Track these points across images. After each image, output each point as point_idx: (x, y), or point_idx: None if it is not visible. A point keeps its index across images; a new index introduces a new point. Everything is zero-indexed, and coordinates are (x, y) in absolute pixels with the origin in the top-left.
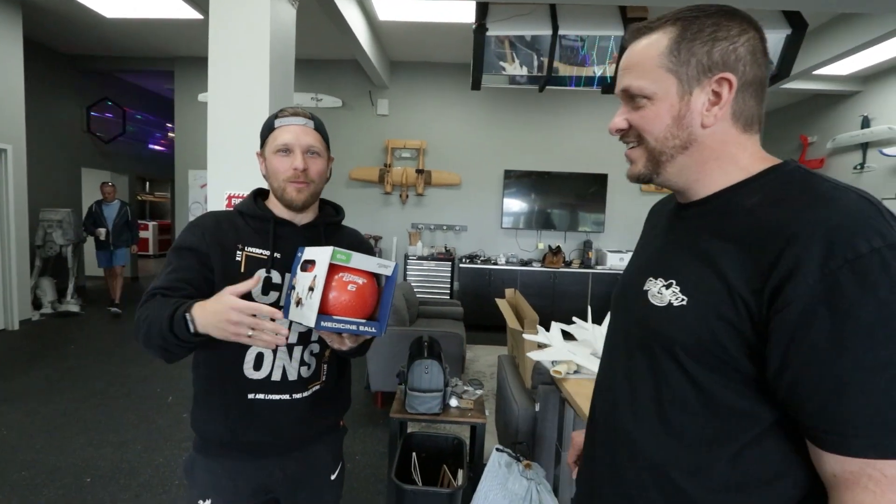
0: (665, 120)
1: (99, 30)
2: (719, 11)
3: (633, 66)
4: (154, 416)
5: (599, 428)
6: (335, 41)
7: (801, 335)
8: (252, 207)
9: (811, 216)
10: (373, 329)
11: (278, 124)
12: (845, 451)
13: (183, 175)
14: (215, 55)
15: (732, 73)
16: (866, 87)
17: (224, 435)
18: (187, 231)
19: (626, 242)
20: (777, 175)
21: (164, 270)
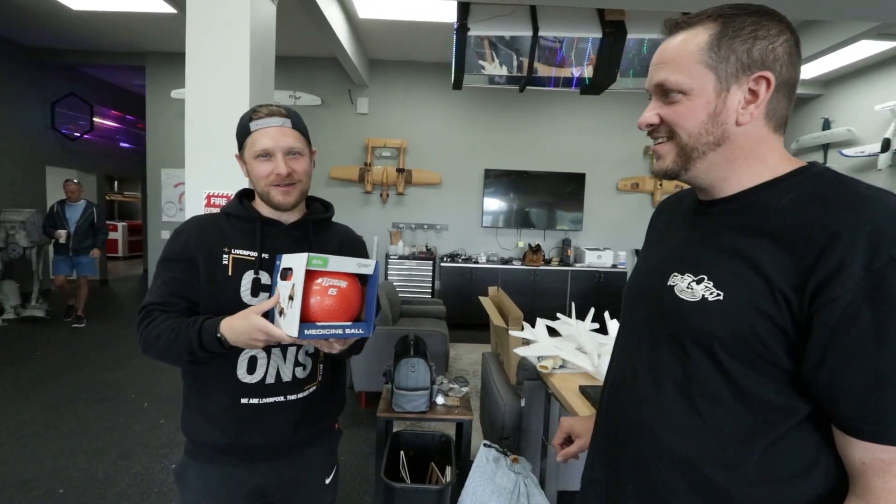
0: (700, 116)
1: (65, 22)
2: (760, 10)
3: (669, 61)
4: (129, 423)
5: (617, 430)
6: (314, 38)
7: (843, 330)
8: (238, 208)
9: (855, 216)
10: (360, 330)
11: (254, 127)
12: (881, 440)
13: (155, 174)
14: (193, 51)
15: (771, 72)
16: (827, 90)
17: (218, 440)
18: (172, 240)
19: (604, 240)
20: (808, 175)
21: (155, 283)
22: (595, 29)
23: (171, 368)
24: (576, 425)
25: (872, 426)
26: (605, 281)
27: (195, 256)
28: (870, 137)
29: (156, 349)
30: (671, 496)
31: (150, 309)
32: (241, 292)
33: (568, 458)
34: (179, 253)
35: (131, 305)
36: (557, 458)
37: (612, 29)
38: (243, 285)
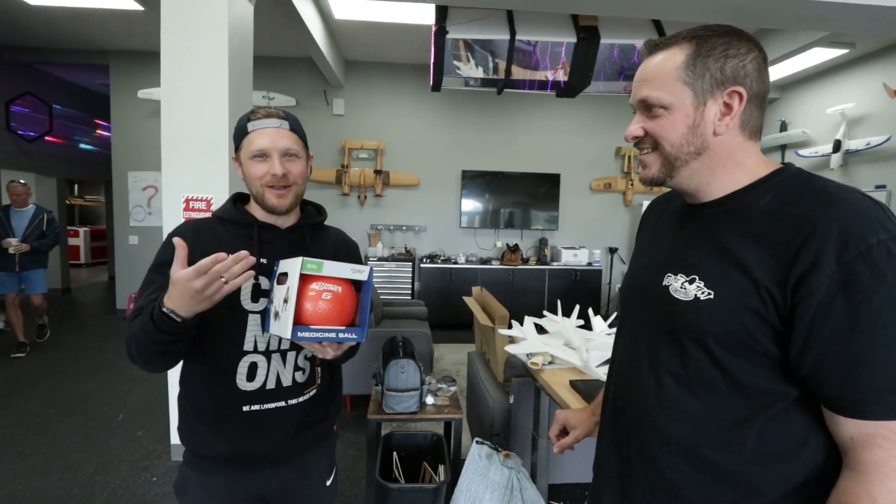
0: (681, 128)
1: (21, 17)
2: (730, 31)
3: (650, 79)
4: (104, 436)
5: (624, 420)
6: (289, 38)
7: (822, 319)
8: (233, 213)
9: (826, 214)
10: (353, 335)
11: (251, 128)
12: (863, 415)
13: (121, 177)
14: (169, 51)
15: (742, 87)
16: (784, 94)
17: (221, 449)
18: (166, 246)
19: (579, 239)
20: (784, 177)
21: (147, 289)
22: (570, 34)
23: (145, 379)
24: (570, 417)
25: (854, 404)
26: (581, 279)
27: (190, 263)
28: (822, 139)
29: (134, 351)
30: (678, 479)
31: (136, 314)
32: (241, 298)
33: (564, 448)
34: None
35: (97, 314)
36: (554, 448)
37: (586, 34)
38: (243, 291)
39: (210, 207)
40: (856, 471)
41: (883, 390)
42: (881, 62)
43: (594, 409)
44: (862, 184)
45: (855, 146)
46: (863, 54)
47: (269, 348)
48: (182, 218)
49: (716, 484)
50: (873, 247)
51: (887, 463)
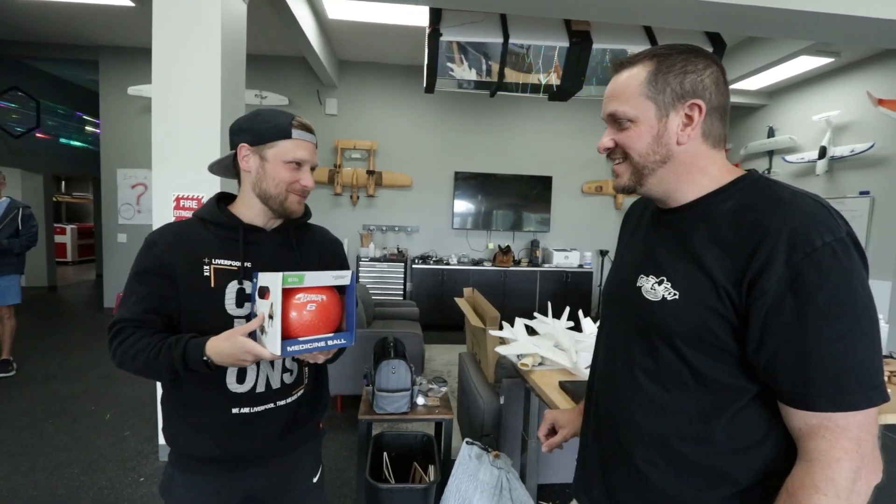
0: (646, 139)
1: (10, 11)
2: (688, 49)
3: (617, 95)
4: (91, 436)
5: (604, 414)
6: (282, 37)
7: (774, 316)
8: (217, 215)
9: (777, 219)
10: (342, 340)
11: (296, 136)
12: (808, 407)
13: (110, 174)
14: (160, 48)
15: (701, 100)
16: (771, 101)
17: (209, 451)
18: (145, 252)
19: (571, 241)
20: (745, 184)
21: (128, 299)
22: (562, 38)
23: (133, 379)
24: (559, 417)
25: (801, 396)
26: (573, 281)
27: (172, 269)
28: (809, 145)
29: (133, 366)
30: (651, 470)
31: (122, 326)
32: (225, 304)
33: (553, 447)
34: (154, 265)
35: (84, 313)
36: (543, 448)
37: (579, 38)
38: (227, 296)
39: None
40: (803, 460)
41: (825, 383)
42: (865, 71)
43: (582, 409)
44: (846, 190)
45: (840, 153)
46: (848, 63)
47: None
48: (172, 217)
49: (685, 475)
50: (818, 248)
51: (829, 453)
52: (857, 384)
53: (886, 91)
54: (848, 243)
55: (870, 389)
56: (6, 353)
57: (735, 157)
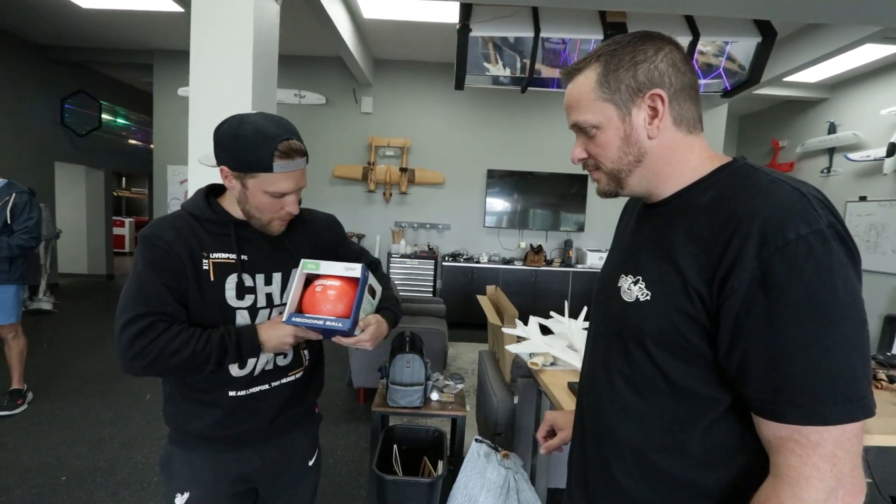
0: (615, 143)
1: (74, 20)
2: (633, 39)
3: (574, 104)
4: (131, 414)
5: (587, 419)
6: (319, 38)
7: (743, 318)
8: (208, 211)
9: (750, 209)
10: (339, 324)
11: (277, 168)
12: (779, 418)
13: (161, 170)
14: (197, 50)
15: (660, 88)
16: (833, 94)
17: (205, 431)
18: (149, 245)
19: (606, 242)
20: (728, 172)
21: (145, 291)
22: (597, 31)
23: None
24: (559, 418)
25: (771, 405)
26: None
27: (180, 260)
28: (876, 142)
29: (172, 361)
30: (626, 479)
31: (152, 321)
32: (226, 296)
33: (551, 450)
34: (163, 257)
35: None
36: (541, 450)
37: (614, 31)
38: (227, 289)
39: None
40: (772, 475)
41: (797, 393)
42: None
43: None
44: None
45: None
46: None
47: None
48: None
49: (660, 487)
50: (791, 242)
51: (798, 469)
52: (833, 395)
53: None
54: (829, 236)
55: (847, 402)
56: (16, 381)
57: (791, 155)
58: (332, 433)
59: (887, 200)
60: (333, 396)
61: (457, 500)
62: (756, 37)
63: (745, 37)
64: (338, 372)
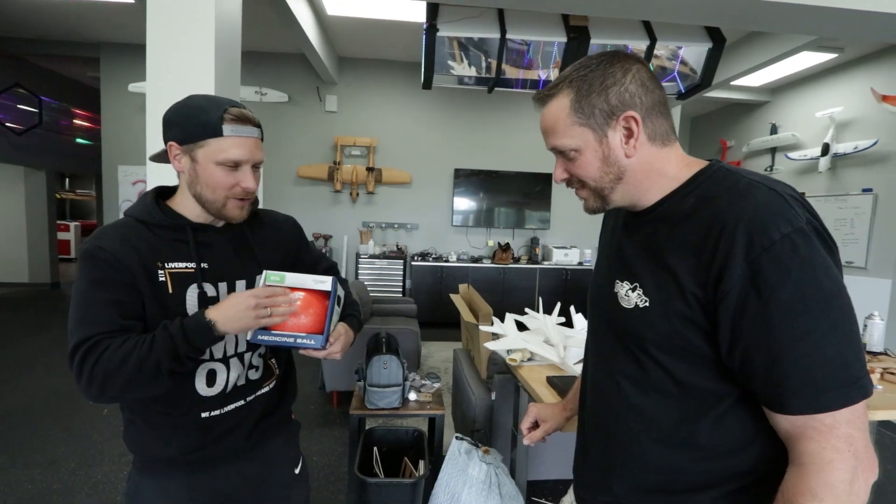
0: (595, 164)
1: (10, 9)
2: (601, 62)
3: (551, 129)
4: (88, 431)
5: (592, 420)
6: (281, 34)
7: (739, 318)
8: (159, 216)
9: (732, 212)
10: (311, 341)
11: (228, 132)
12: (788, 410)
13: (112, 171)
14: (154, 44)
15: (632, 109)
16: (774, 97)
17: (174, 455)
18: (91, 260)
19: (571, 238)
20: (704, 178)
21: (91, 311)
22: (560, 33)
23: None
24: (542, 411)
25: (778, 398)
26: (572, 278)
27: (130, 273)
28: (812, 142)
29: (121, 377)
30: (635, 477)
31: (96, 340)
32: (187, 309)
33: (534, 441)
34: (111, 272)
35: None
36: (525, 441)
37: (577, 34)
38: (188, 301)
39: None
40: (795, 464)
41: (799, 384)
42: (869, 67)
43: (566, 403)
44: (849, 187)
45: (843, 150)
46: (851, 59)
47: (227, 354)
48: None
49: (670, 482)
50: (776, 242)
51: (820, 455)
52: (832, 381)
53: (891, 87)
54: (809, 233)
55: (845, 386)
56: None
57: (737, 155)
58: (307, 438)
59: (823, 196)
60: (306, 401)
61: (439, 498)
62: (707, 42)
63: (698, 42)
64: (309, 376)
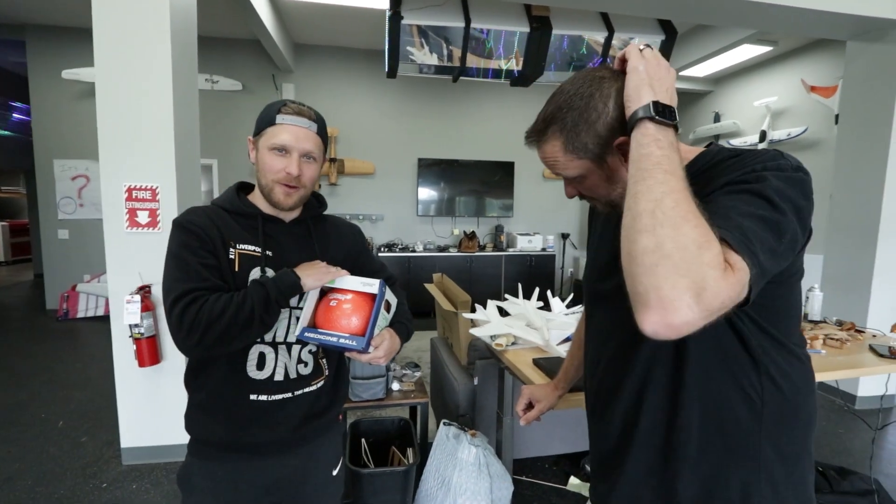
0: (601, 184)
1: None
2: (578, 94)
3: (553, 164)
4: (44, 445)
5: (598, 409)
6: (233, 18)
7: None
8: (237, 204)
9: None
10: (353, 342)
11: (280, 120)
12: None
13: (46, 165)
14: (103, 28)
15: (622, 135)
16: (717, 87)
17: (225, 437)
18: (183, 231)
19: (534, 225)
20: (701, 156)
21: (185, 270)
22: (523, 23)
23: (85, 383)
24: (535, 392)
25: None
26: (537, 264)
27: (214, 244)
28: (751, 129)
29: (220, 325)
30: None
31: (195, 295)
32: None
33: (530, 420)
34: (202, 241)
35: (23, 317)
36: (521, 421)
37: (539, 24)
38: (250, 282)
39: (156, 196)
40: None
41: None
42: (800, 60)
43: (556, 384)
44: None
45: (778, 136)
46: (784, 52)
47: (276, 339)
48: (125, 208)
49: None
50: (763, 169)
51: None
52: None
53: (818, 78)
54: (794, 172)
55: None
56: None
57: (685, 141)
58: None
59: None
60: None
61: (428, 483)
62: (661, 35)
63: (652, 34)
64: None
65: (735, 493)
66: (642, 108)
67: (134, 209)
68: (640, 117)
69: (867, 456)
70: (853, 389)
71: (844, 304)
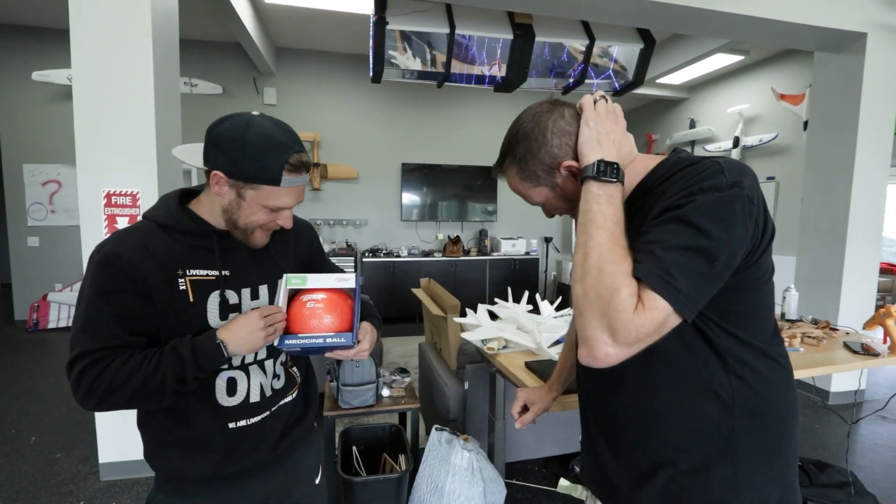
0: (562, 204)
1: None
2: (520, 131)
3: (520, 194)
4: (16, 462)
5: (590, 403)
6: (214, 21)
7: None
8: (184, 221)
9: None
10: (341, 340)
11: (286, 183)
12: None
13: (15, 171)
14: (80, 29)
15: (565, 158)
16: (692, 94)
17: (206, 471)
18: (104, 267)
19: (517, 230)
20: (661, 164)
21: (97, 323)
22: (506, 31)
23: (58, 397)
24: (530, 394)
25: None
26: (520, 267)
27: (146, 284)
28: (725, 135)
29: (122, 394)
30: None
31: (98, 356)
32: (208, 318)
33: (526, 423)
34: (123, 282)
35: None
36: (516, 424)
37: (522, 31)
38: (210, 310)
39: (136, 202)
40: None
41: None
42: (770, 68)
43: (550, 386)
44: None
45: (750, 142)
46: (756, 61)
47: (246, 361)
48: (103, 215)
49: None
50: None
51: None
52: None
53: (787, 87)
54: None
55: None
56: None
57: (662, 147)
58: None
59: None
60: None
61: (421, 489)
62: (639, 43)
63: (631, 43)
64: None
65: (716, 487)
66: (588, 166)
67: (113, 215)
68: (584, 176)
69: (843, 449)
70: (826, 386)
71: (818, 302)
